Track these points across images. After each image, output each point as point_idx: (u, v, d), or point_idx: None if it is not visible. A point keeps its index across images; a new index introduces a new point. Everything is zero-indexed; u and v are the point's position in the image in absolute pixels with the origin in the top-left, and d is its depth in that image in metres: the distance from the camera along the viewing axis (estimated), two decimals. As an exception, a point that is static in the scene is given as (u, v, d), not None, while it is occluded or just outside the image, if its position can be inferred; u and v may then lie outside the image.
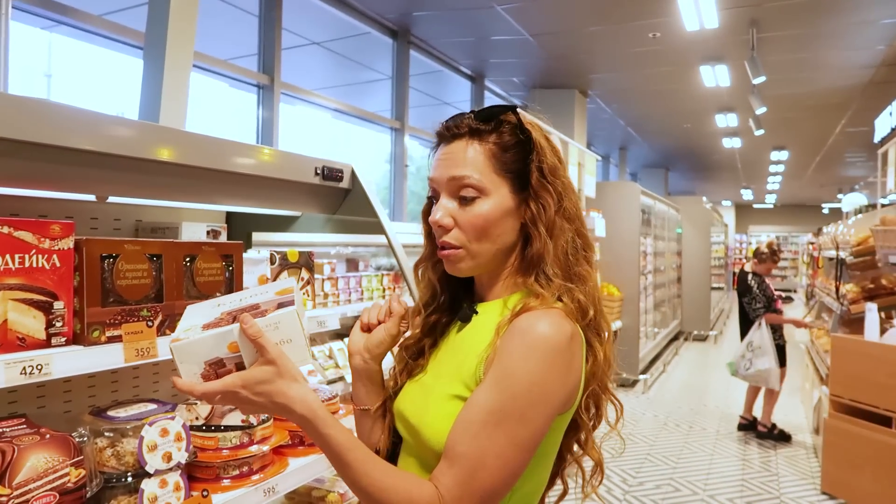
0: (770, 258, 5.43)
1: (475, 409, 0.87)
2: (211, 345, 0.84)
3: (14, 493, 0.99)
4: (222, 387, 0.83)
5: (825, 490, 4.03)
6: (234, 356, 0.85)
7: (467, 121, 0.98)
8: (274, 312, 0.87)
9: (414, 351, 1.06)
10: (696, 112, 9.35)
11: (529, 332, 0.87)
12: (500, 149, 0.96)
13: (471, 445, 0.85)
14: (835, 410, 3.99)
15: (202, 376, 0.84)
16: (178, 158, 1.59)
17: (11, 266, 1.14)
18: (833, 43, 6.14)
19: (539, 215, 0.96)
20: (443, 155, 0.98)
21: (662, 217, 9.21)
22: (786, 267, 21.30)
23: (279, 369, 0.84)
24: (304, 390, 0.86)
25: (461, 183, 0.95)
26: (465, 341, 0.99)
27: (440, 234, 0.97)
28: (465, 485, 0.84)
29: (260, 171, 1.75)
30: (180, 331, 0.88)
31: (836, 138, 11.04)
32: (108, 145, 1.44)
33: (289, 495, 1.87)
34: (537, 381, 0.86)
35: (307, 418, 0.85)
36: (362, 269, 3.28)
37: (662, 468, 4.47)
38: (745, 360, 5.11)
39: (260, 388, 0.83)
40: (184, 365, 0.84)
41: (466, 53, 6.89)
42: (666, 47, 6.26)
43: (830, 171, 15.74)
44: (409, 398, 1.00)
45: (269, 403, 0.85)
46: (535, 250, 0.96)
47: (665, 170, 15.75)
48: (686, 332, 10.72)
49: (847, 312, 4.51)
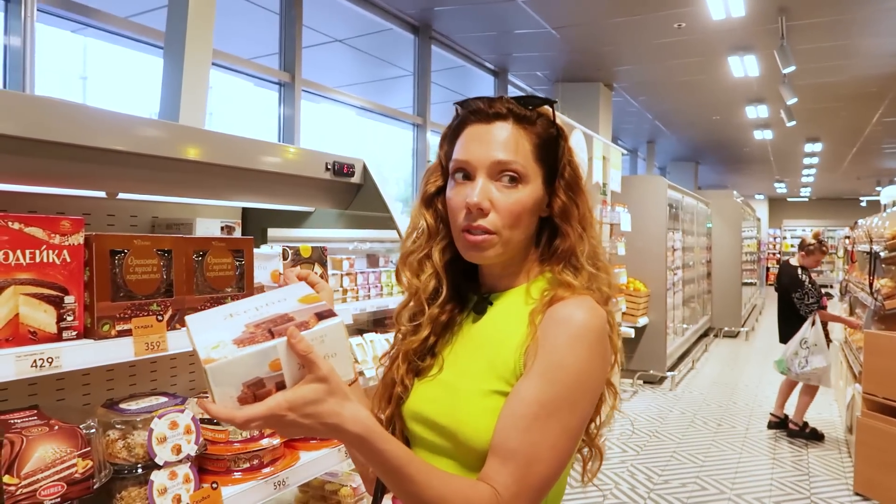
0: (818, 249, 5.19)
1: (524, 402, 0.86)
2: (251, 364, 0.74)
3: (22, 483, 1.01)
4: (266, 411, 0.72)
5: (858, 490, 3.91)
6: (275, 375, 0.75)
7: (507, 104, 0.95)
8: (319, 325, 0.79)
9: (422, 351, 1.00)
10: (726, 104, 9.15)
11: (572, 322, 0.88)
12: (540, 139, 0.96)
13: (524, 440, 0.84)
14: (868, 409, 3.87)
15: (238, 399, 0.74)
16: (195, 156, 1.61)
17: (23, 261, 1.17)
18: (867, 29, 5.94)
19: (571, 210, 0.97)
20: (480, 134, 0.94)
21: (691, 211, 9.05)
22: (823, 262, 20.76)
23: (331, 387, 0.75)
24: (356, 407, 0.78)
25: (506, 167, 0.92)
26: (488, 334, 0.96)
27: (474, 217, 0.92)
28: (522, 480, 0.83)
29: (271, 167, 1.76)
30: (204, 347, 0.76)
31: (873, 129, 10.70)
32: (124, 143, 1.47)
33: (302, 488, 1.89)
34: (585, 369, 0.87)
35: (362, 437, 0.77)
36: (382, 265, 3.29)
37: (689, 466, 4.39)
38: (800, 357, 4.87)
39: (309, 409, 0.74)
40: (219, 388, 0.73)
41: (489, 48, 6.85)
42: (692, 38, 6.14)
43: (868, 163, 15.27)
44: (428, 399, 0.96)
45: (317, 425, 0.76)
46: (568, 242, 0.96)
47: (695, 163, 15.48)
48: (716, 329, 10.52)
49: (881, 308, 4.37)
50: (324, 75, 5.60)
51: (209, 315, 0.86)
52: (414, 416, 0.97)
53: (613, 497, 3.83)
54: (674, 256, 7.65)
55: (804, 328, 4.93)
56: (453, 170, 0.96)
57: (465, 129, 0.96)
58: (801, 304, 5.03)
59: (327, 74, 6.14)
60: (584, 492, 3.88)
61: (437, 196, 1.01)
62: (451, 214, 0.96)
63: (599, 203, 5.83)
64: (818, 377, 4.84)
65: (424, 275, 0.99)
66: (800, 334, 4.93)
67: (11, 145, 1.32)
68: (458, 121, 0.99)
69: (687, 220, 8.70)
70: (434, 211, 1.01)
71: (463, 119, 0.97)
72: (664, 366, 6.95)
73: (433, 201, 1.02)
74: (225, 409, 0.73)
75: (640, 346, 6.94)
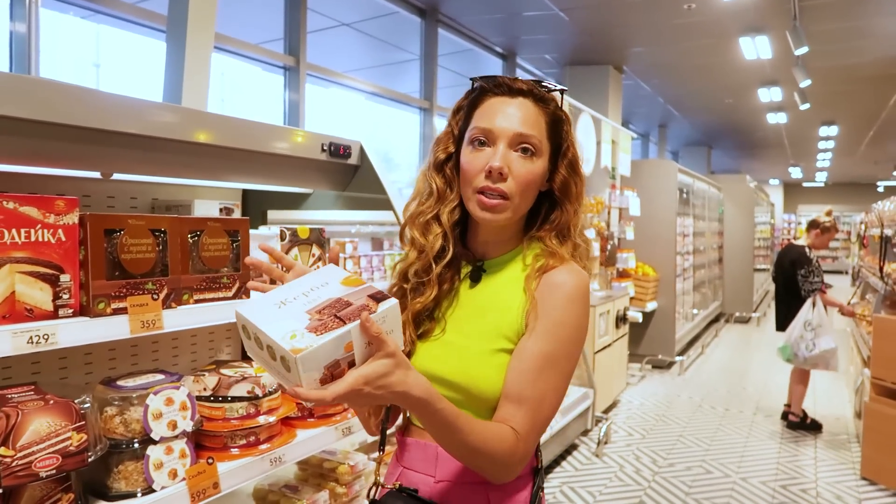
0: (834, 227, 4.91)
1: (531, 357, 1.00)
2: (331, 349, 0.82)
3: (18, 455, 1.04)
4: (348, 388, 0.82)
5: (864, 475, 3.90)
6: (348, 355, 0.84)
7: (528, 84, 1.06)
8: (381, 307, 0.87)
9: (430, 310, 1.10)
10: (738, 87, 9.02)
11: (566, 286, 1.02)
12: (550, 118, 1.07)
13: (534, 388, 0.99)
14: (876, 394, 3.85)
15: (320, 381, 0.83)
16: (194, 137, 1.62)
17: (18, 240, 1.19)
18: (882, 9, 5.81)
19: (569, 185, 1.09)
20: (503, 107, 1.04)
21: (703, 196, 8.97)
22: (837, 248, 20.54)
23: (397, 360, 0.85)
24: (417, 375, 0.88)
25: (526, 140, 1.03)
26: (487, 299, 1.07)
27: (495, 179, 1.01)
28: (534, 419, 0.99)
29: (269, 149, 1.77)
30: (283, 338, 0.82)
31: (891, 111, 10.50)
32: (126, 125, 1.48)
33: (301, 466, 1.91)
34: (579, 324, 1.03)
35: (424, 399, 0.87)
36: (387, 248, 3.30)
37: (694, 450, 4.39)
38: (806, 341, 4.60)
39: (382, 381, 0.84)
40: (306, 373, 0.81)
41: (496, 31, 6.79)
42: (703, 19, 6.05)
43: (885, 147, 14.99)
44: (436, 358, 1.06)
45: (387, 394, 0.85)
46: (564, 216, 1.08)
47: (707, 148, 15.30)
48: (727, 314, 10.47)
49: (891, 292, 4.33)
50: (331, 60, 5.58)
51: (260, 305, 0.90)
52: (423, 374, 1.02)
53: (618, 479, 3.85)
54: (684, 241, 7.59)
55: (805, 310, 4.67)
56: (473, 137, 1.04)
57: (487, 101, 1.05)
58: (806, 281, 4.74)
59: (335, 59, 6.12)
60: (590, 473, 3.90)
61: (447, 162, 1.10)
62: (465, 177, 1.05)
63: (608, 187, 5.79)
64: (826, 361, 4.59)
65: (431, 234, 1.07)
66: (801, 317, 4.68)
67: (14, 126, 1.34)
68: (477, 93, 1.07)
69: (698, 205, 8.62)
70: (443, 176, 1.10)
71: (482, 91, 1.07)
72: (673, 351, 6.93)
73: (443, 167, 1.10)
74: (316, 392, 0.81)
75: (649, 331, 6.92)
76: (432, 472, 1.06)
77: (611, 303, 5.15)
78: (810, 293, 4.73)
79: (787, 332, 4.79)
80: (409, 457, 1.09)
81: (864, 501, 3.60)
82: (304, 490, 1.79)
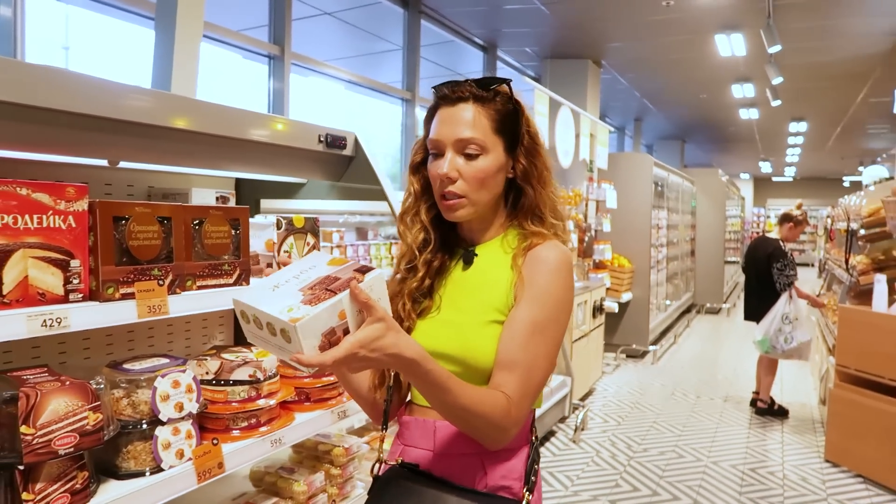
0: (805, 220, 5.04)
1: (520, 325, 1.07)
2: (325, 317, 0.90)
3: (38, 433, 1.08)
4: (345, 352, 0.88)
5: (829, 458, 4.08)
6: (342, 323, 0.92)
7: (468, 87, 1.13)
8: (367, 276, 0.96)
9: (420, 291, 1.19)
10: (712, 82, 9.21)
11: (549, 259, 1.10)
12: (497, 113, 1.13)
13: (525, 353, 1.05)
14: (841, 381, 4.01)
15: (319, 347, 0.90)
16: (190, 126, 1.65)
17: (30, 226, 1.21)
18: (853, 10, 6.00)
19: (531, 171, 1.16)
20: (447, 117, 1.12)
21: (676, 189, 9.15)
22: (804, 241, 21.07)
23: (388, 324, 0.92)
24: (408, 337, 0.95)
25: (468, 142, 1.10)
26: (478, 278, 1.16)
27: (445, 185, 1.11)
28: (525, 384, 1.05)
29: (266, 139, 1.81)
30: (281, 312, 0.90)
31: (857, 109, 10.82)
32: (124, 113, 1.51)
33: (296, 449, 1.97)
34: (563, 293, 1.10)
35: (416, 360, 0.93)
36: (371, 238, 3.35)
37: (667, 436, 4.54)
38: (785, 333, 4.73)
39: (375, 344, 0.90)
40: (306, 341, 0.88)
41: (478, 23, 6.83)
42: (680, 15, 6.17)
43: (852, 143, 15.44)
44: (433, 335, 1.13)
45: (382, 356, 0.91)
46: (530, 199, 1.17)
47: (681, 142, 15.56)
48: (699, 305, 10.72)
49: (856, 284, 4.51)
50: (312, 48, 5.56)
51: (256, 290, 0.98)
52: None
53: (595, 464, 3.97)
54: (658, 234, 7.76)
55: (782, 303, 4.79)
56: (430, 148, 1.15)
57: (438, 111, 1.14)
58: (782, 275, 4.82)
59: (315, 47, 6.09)
60: (567, 459, 4.02)
61: (423, 165, 1.19)
62: (432, 184, 1.16)
63: (586, 179, 5.90)
64: (801, 352, 4.76)
65: (414, 229, 1.20)
66: (778, 310, 4.79)
67: (11, 112, 1.35)
68: (432, 103, 1.17)
69: (672, 198, 8.80)
70: (420, 177, 1.20)
71: (435, 103, 1.16)
72: (647, 340, 7.10)
73: (419, 169, 1.21)
74: (316, 357, 0.88)
75: (624, 321, 7.08)
76: (430, 446, 1.13)
77: (588, 293, 5.26)
78: (786, 287, 4.81)
79: (765, 325, 4.86)
80: (410, 434, 1.16)
81: (828, 483, 3.77)
82: (300, 472, 1.84)
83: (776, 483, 3.76)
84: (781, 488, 3.68)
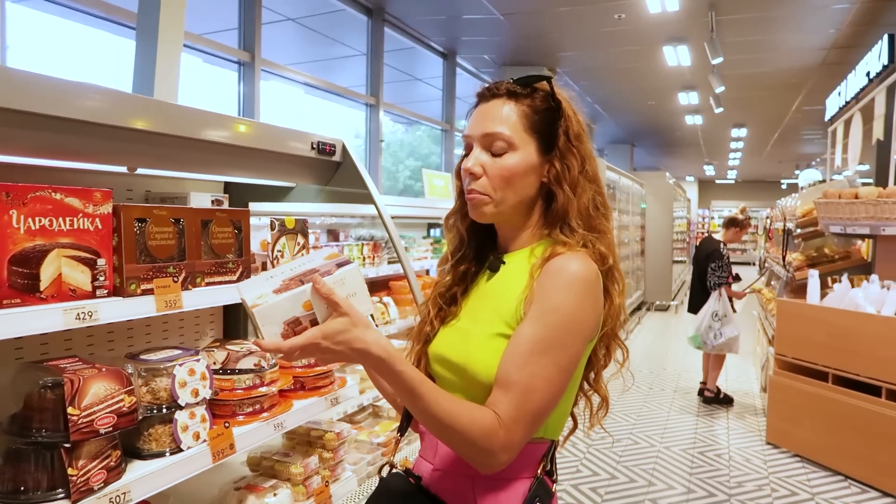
0: (748, 223, 5.47)
1: (522, 341, 0.98)
2: (287, 306, 0.90)
3: (83, 414, 1.20)
4: (305, 340, 0.89)
5: (769, 441, 4.40)
6: (309, 314, 0.92)
7: (506, 84, 1.09)
8: (338, 271, 0.96)
9: (448, 298, 1.15)
10: (660, 90, 9.67)
11: (564, 271, 0.99)
12: (532, 111, 1.07)
13: (522, 373, 0.95)
14: (779, 368, 4.34)
15: (282, 335, 0.90)
16: (196, 134, 1.76)
17: (63, 227, 1.33)
18: (788, 26, 6.46)
19: (563, 174, 1.07)
20: (479, 112, 1.09)
21: (627, 192, 9.52)
22: (746, 241, 22.04)
23: (353, 319, 0.91)
24: (377, 334, 0.93)
25: (494, 137, 1.05)
26: (497, 288, 1.09)
27: (469, 181, 1.07)
28: (520, 406, 0.95)
29: (261, 145, 1.93)
30: (251, 298, 0.92)
31: (793, 116, 11.50)
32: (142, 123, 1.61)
33: (289, 436, 2.10)
34: (574, 312, 0.98)
35: (383, 358, 0.91)
36: (343, 240, 3.49)
37: (623, 424, 4.81)
38: (714, 330, 5.10)
39: (339, 337, 0.90)
40: (265, 327, 0.89)
41: (438, 31, 7.03)
42: (631, 28, 6.51)
43: (788, 148, 16.32)
44: (447, 342, 1.10)
45: (348, 350, 0.91)
46: (559, 205, 1.07)
47: (631, 146, 16.11)
48: (649, 303, 11.15)
49: (792, 279, 4.87)
50: (274, 53, 5.64)
51: (256, 279, 1.05)
52: (435, 357, 1.12)
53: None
54: (611, 234, 8.06)
55: (712, 301, 5.18)
56: (463, 147, 1.13)
57: (474, 110, 1.12)
58: (714, 275, 5.21)
59: (275, 52, 6.17)
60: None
61: None
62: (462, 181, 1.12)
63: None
64: (729, 346, 5.16)
65: (451, 234, 1.20)
66: (709, 308, 5.17)
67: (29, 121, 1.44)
68: (472, 104, 1.13)
69: (623, 200, 9.16)
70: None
71: (475, 103, 1.13)
72: (601, 336, 7.38)
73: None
74: (273, 343, 0.91)
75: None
76: (433, 460, 1.10)
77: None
78: (716, 286, 5.22)
79: (696, 322, 5.28)
80: (423, 445, 1.15)
81: (769, 463, 4.09)
82: (294, 456, 1.97)
83: (723, 464, 4.05)
84: (728, 469, 3.98)
